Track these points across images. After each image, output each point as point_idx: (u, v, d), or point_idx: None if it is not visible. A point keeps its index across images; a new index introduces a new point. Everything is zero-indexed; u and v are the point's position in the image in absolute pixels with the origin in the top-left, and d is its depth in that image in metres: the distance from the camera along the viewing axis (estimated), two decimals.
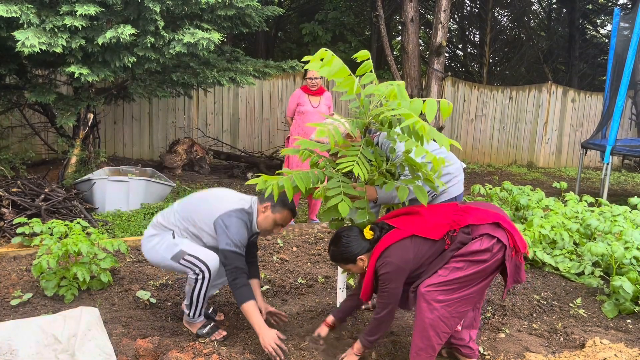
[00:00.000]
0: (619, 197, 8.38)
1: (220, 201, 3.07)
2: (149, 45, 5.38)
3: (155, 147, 9.41)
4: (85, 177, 5.90)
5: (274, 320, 3.25)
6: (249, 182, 2.75)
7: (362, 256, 2.69)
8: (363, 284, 2.73)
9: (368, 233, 2.68)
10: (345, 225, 2.96)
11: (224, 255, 2.91)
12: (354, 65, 2.53)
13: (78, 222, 3.89)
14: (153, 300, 3.60)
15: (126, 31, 5.01)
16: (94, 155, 6.76)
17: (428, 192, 2.98)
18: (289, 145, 5.96)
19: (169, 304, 3.61)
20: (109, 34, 5.03)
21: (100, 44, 5.11)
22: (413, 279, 2.64)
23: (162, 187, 6.30)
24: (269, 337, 2.82)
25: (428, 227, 2.59)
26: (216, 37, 5.33)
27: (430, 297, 2.52)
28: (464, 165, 3.45)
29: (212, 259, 2.97)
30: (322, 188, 2.60)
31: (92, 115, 6.58)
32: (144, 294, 3.64)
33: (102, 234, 4.26)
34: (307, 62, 2.52)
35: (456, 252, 2.56)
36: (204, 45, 5.31)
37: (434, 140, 2.35)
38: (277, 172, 2.74)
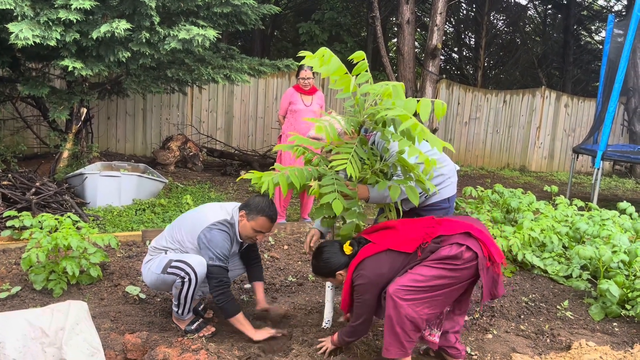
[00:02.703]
0: (609, 202, 8.45)
1: (201, 217, 3.10)
2: (143, 40, 5.37)
3: (148, 143, 9.39)
4: (77, 172, 5.87)
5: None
6: (242, 177, 2.77)
7: (341, 271, 2.82)
8: (342, 296, 2.82)
9: (347, 248, 2.79)
10: (336, 223, 2.98)
11: (208, 270, 2.96)
12: (349, 67, 2.56)
13: (68, 216, 3.88)
14: (142, 296, 3.59)
15: (121, 26, 5.00)
16: (87, 150, 6.73)
17: (420, 194, 3.01)
18: (281, 143, 5.96)
19: (159, 299, 3.60)
20: (104, 28, 5.01)
21: (94, 38, 5.10)
22: (386, 285, 2.69)
23: (155, 183, 6.29)
24: (259, 334, 3.00)
25: (402, 240, 2.69)
26: (211, 33, 5.33)
27: (397, 295, 2.57)
28: (458, 167, 3.47)
29: (199, 263, 2.97)
30: (316, 185, 2.61)
31: (85, 110, 6.55)
32: (133, 290, 3.63)
33: (93, 228, 4.26)
34: (303, 57, 2.55)
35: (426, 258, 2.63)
36: (199, 41, 5.31)
37: (426, 140, 2.37)
38: (270, 167, 2.76)
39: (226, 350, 2.90)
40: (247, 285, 3.87)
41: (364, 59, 2.56)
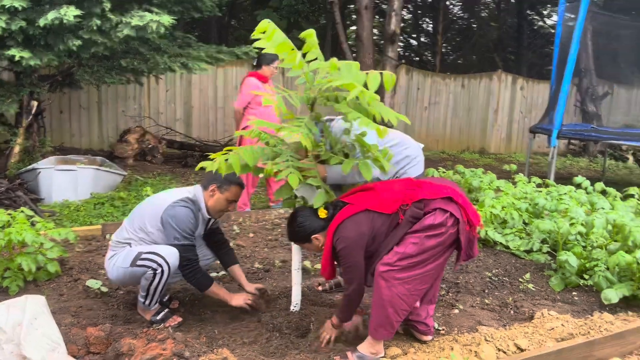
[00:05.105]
0: (565, 180, 8.69)
1: (161, 199, 3.05)
2: (94, 28, 5.17)
3: (105, 136, 9.11)
4: (30, 167, 5.65)
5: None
6: (200, 165, 2.70)
7: (317, 235, 2.74)
8: (321, 262, 2.75)
9: (322, 212, 2.72)
10: (298, 204, 2.95)
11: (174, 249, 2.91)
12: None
13: (22, 211, 3.73)
14: (104, 289, 3.48)
15: (70, 13, 4.80)
16: (39, 144, 6.49)
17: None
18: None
19: (121, 292, 3.50)
20: (52, 15, 4.81)
21: (42, 26, 4.88)
22: (370, 253, 2.66)
23: (113, 176, 6.12)
24: (238, 298, 3.05)
25: (381, 201, 2.62)
26: (166, 19, 5.18)
27: (389, 275, 2.53)
28: (422, 145, 3.49)
29: (172, 254, 2.90)
30: (270, 164, 2.58)
31: (36, 103, 6.30)
32: (94, 283, 3.52)
33: (49, 223, 4.10)
34: (262, 49, 2.51)
35: (410, 228, 2.59)
36: (154, 28, 5.16)
37: (382, 114, 2.38)
38: (225, 149, 2.70)
39: (193, 338, 2.85)
40: (222, 272, 3.81)
41: (313, 36, 2.54)
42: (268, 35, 2.42)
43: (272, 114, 5.31)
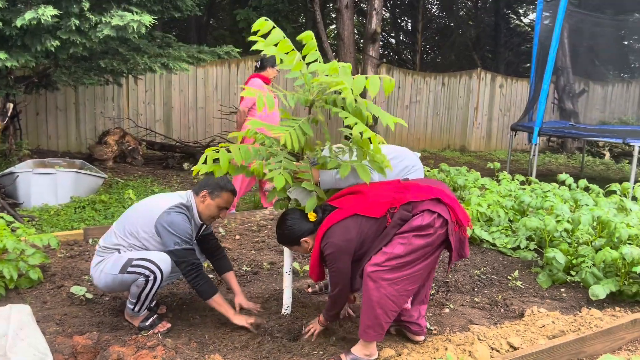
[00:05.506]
0: (545, 176, 8.82)
1: (154, 204, 2.98)
2: (73, 28, 5.04)
3: (83, 138, 8.93)
4: (7, 171, 5.49)
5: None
6: (195, 168, 2.65)
7: (306, 238, 2.74)
8: (310, 263, 2.73)
9: (312, 215, 2.71)
10: (289, 206, 2.91)
11: (175, 255, 2.84)
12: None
13: (1, 217, 3.61)
14: (89, 296, 3.39)
15: (47, 12, 4.67)
16: (16, 147, 6.32)
17: None
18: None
19: (107, 298, 3.42)
20: (29, 15, 4.67)
21: (19, 26, 4.74)
22: (359, 257, 2.64)
23: (94, 179, 5.99)
24: (239, 318, 2.96)
25: (369, 205, 2.61)
26: (147, 19, 5.07)
27: (377, 276, 2.52)
28: (419, 154, 3.49)
29: (164, 260, 2.84)
30: (258, 163, 2.54)
31: (11, 105, 6.13)
32: (78, 290, 3.42)
33: (30, 229, 3.99)
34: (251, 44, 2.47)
35: (398, 229, 2.58)
36: (135, 28, 5.05)
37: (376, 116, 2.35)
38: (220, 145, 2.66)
39: (184, 344, 2.79)
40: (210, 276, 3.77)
41: (312, 39, 2.51)
42: (263, 31, 2.37)
43: (275, 115, 5.28)
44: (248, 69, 10.22)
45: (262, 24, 2.38)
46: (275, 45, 2.41)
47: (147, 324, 2.97)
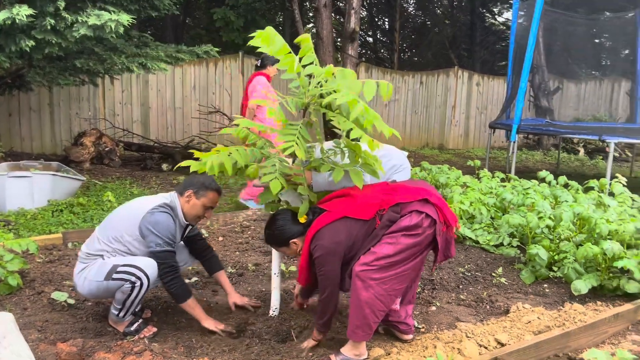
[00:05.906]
0: (522, 173, 8.95)
1: (138, 207, 2.93)
2: (48, 27, 4.93)
3: (58, 140, 8.75)
4: None
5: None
6: (184, 164, 2.61)
7: (295, 239, 2.73)
8: (299, 267, 2.71)
9: (302, 217, 2.68)
10: (280, 208, 2.89)
11: (155, 256, 2.80)
12: None
13: None
14: (71, 301, 3.31)
15: (22, 12, 4.56)
16: None
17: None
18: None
19: (89, 303, 3.34)
20: (3, 15, 4.55)
21: None
22: (349, 259, 2.64)
23: (71, 182, 5.86)
24: (209, 322, 2.91)
25: (358, 207, 2.61)
26: (125, 18, 4.98)
27: (365, 275, 2.52)
28: (406, 153, 3.50)
29: (150, 265, 2.78)
30: (255, 166, 2.52)
31: None
32: (60, 296, 3.34)
33: (8, 234, 3.89)
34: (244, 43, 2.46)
35: (387, 230, 2.58)
36: (112, 27, 4.95)
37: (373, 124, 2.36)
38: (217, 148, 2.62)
39: (171, 349, 2.75)
40: (195, 279, 3.75)
41: (309, 41, 2.51)
42: (271, 39, 2.39)
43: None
44: (226, 68, 10.14)
45: (269, 30, 2.43)
46: (275, 47, 2.41)
47: (132, 329, 2.91)
